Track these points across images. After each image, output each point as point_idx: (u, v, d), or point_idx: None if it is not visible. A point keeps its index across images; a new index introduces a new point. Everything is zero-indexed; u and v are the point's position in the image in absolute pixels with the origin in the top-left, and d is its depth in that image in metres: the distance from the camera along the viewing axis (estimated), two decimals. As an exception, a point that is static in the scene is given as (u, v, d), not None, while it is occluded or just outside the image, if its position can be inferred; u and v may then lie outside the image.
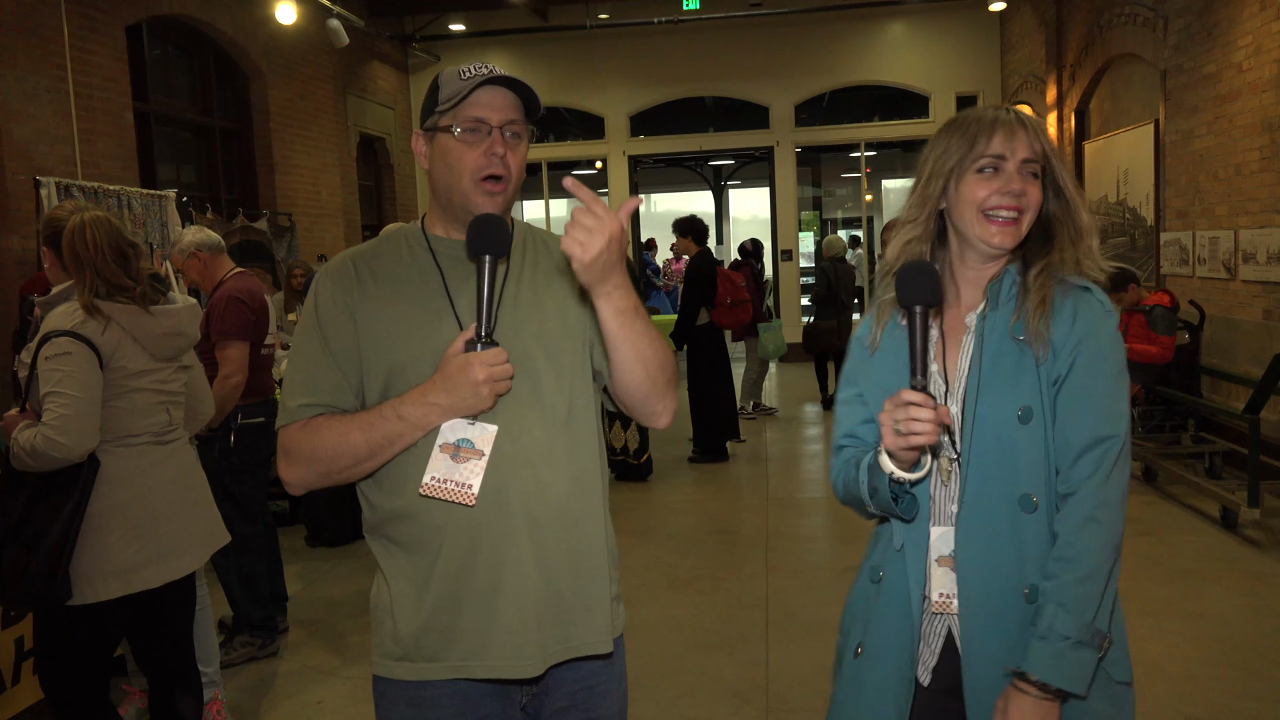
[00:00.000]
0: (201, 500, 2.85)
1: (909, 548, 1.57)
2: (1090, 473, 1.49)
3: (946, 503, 1.57)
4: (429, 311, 1.63)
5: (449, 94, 1.62)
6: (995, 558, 1.52)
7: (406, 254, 1.69)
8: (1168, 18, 7.32)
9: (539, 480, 1.60)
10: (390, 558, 1.64)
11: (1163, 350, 6.21)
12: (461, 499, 1.56)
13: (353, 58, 10.62)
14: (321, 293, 1.66)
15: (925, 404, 1.40)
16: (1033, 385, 1.51)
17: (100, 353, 2.50)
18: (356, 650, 4.14)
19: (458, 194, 1.64)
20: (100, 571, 2.53)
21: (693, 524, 5.80)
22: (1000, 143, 1.54)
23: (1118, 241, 8.62)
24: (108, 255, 2.56)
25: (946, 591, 1.56)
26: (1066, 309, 1.53)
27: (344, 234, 10.22)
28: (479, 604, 1.59)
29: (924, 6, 12.03)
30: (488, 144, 1.62)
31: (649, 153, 13.75)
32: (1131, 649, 1.64)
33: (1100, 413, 1.50)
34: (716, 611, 4.43)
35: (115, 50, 6.87)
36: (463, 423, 1.56)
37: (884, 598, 1.62)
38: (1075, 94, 9.52)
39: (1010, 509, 1.51)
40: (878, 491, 1.54)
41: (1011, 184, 1.54)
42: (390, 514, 1.62)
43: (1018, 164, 1.55)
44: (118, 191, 6.43)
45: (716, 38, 12.50)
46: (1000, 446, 1.51)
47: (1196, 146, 6.99)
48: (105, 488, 2.56)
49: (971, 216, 1.56)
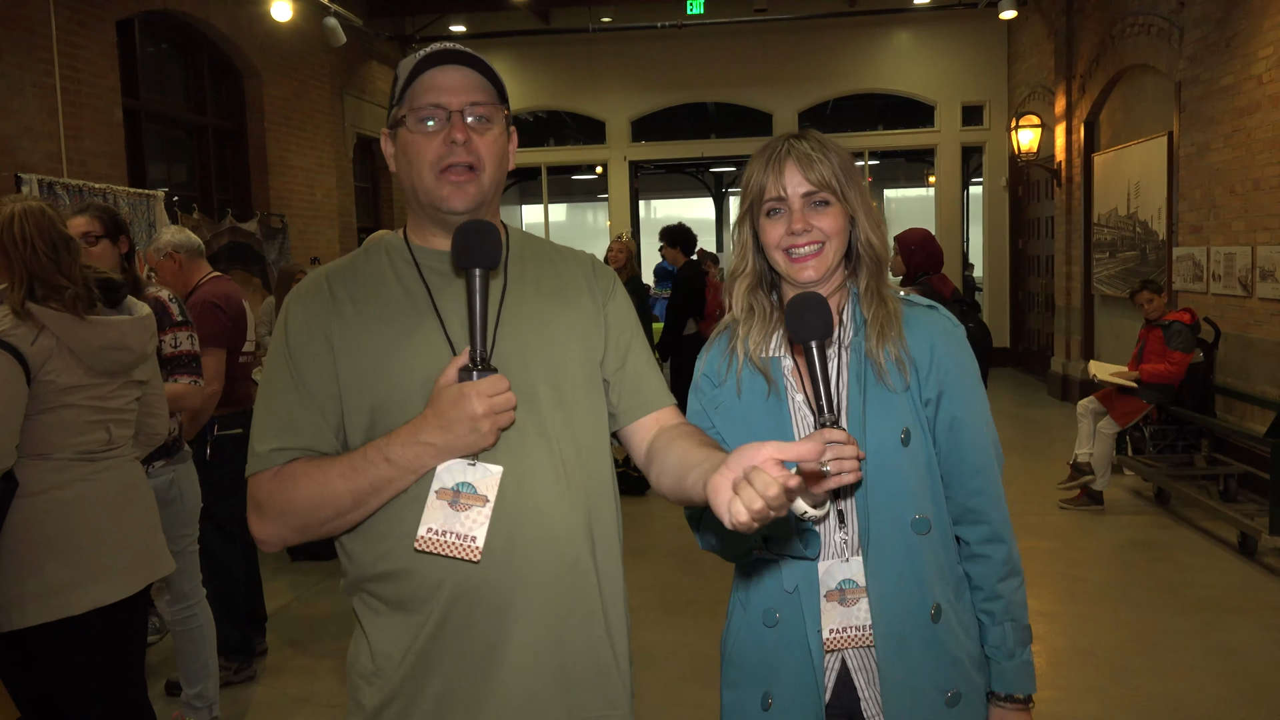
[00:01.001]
0: (140, 523, 2.58)
1: (803, 587, 1.53)
2: (988, 494, 1.56)
3: (829, 535, 1.54)
4: (417, 335, 1.42)
5: (404, 80, 1.43)
6: (899, 583, 1.52)
7: (388, 268, 1.47)
8: (1184, 28, 7.15)
9: (549, 529, 1.40)
10: (374, 616, 1.43)
11: (1174, 368, 6.03)
12: (464, 554, 1.34)
13: (351, 57, 10.45)
14: (293, 319, 1.44)
15: (849, 442, 1.35)
16: (906, 406, 1.52)
17: (28, 364, 2.27)
18: (339, 676, 3.94)
19: (423, 191, 1.44)
20: (19, 595, 2.31)
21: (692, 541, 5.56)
22: (773, 184, 1.54)
23: (1128, 256, 8.45)
24: (39, 249, 2.32)
25: (837, 626, 1.53)
26: (919, 330, 1.55)
27: (339, 237, 10.04)
28: (476, 671, 1.38)
29: (930, 15, 11.87)
30: (446, 131, 1.41)
31: (651, 158, 13.59)
32: (1152, 685, 1.66)
33: (982, 438, 1.57)
34: (717, 638, 4.21)
35: (105, 45, 6.69)
36: (461, 464, 1.35)
37: (783, 641, 1.56)
38: (1085, 105, 9.35)
39: (904, 533, 1.52)
40: (781, 534, 1.48)
41: (794, 223, 1.53)
42: (377, 570, 1.40)
43: (799, 200, 1.53)
44: (104, 190, 6.24)
45: (720, 43, 12.35)
46: (886, 471, 1.51)
47: (1213, 160, 6.82)
48: (21, 502, 2.33)
49: (778, 257, 1.56)
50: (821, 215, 1.53)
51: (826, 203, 1.54)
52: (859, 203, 1.56)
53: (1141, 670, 3.79)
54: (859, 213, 1.56)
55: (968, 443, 1.55)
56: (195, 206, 7.50)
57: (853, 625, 1.53)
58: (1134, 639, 4.11)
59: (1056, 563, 5.13)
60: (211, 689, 3.37)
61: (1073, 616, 4.37)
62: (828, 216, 1.53)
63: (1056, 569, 5.03)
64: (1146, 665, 3.83)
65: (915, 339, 1.54)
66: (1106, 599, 4.59)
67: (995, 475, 1.58)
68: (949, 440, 1.55)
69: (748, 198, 1.59)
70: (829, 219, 1.53)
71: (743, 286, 1.63)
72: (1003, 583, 1.57)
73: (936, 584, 1.54)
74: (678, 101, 12.87)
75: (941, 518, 1.55)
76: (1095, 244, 9.24)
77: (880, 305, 1.56)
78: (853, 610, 1.53)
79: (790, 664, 1.56)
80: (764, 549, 1.52)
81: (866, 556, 1.51)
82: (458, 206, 1.42)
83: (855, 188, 1.55)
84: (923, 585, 1.53)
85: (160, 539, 2.69)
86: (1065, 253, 9.90)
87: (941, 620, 1.54)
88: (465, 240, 1.32)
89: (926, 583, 1.53)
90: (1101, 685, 3.66)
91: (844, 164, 1.55)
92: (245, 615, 3.99)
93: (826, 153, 1.54)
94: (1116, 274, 8.70)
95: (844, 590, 1.53)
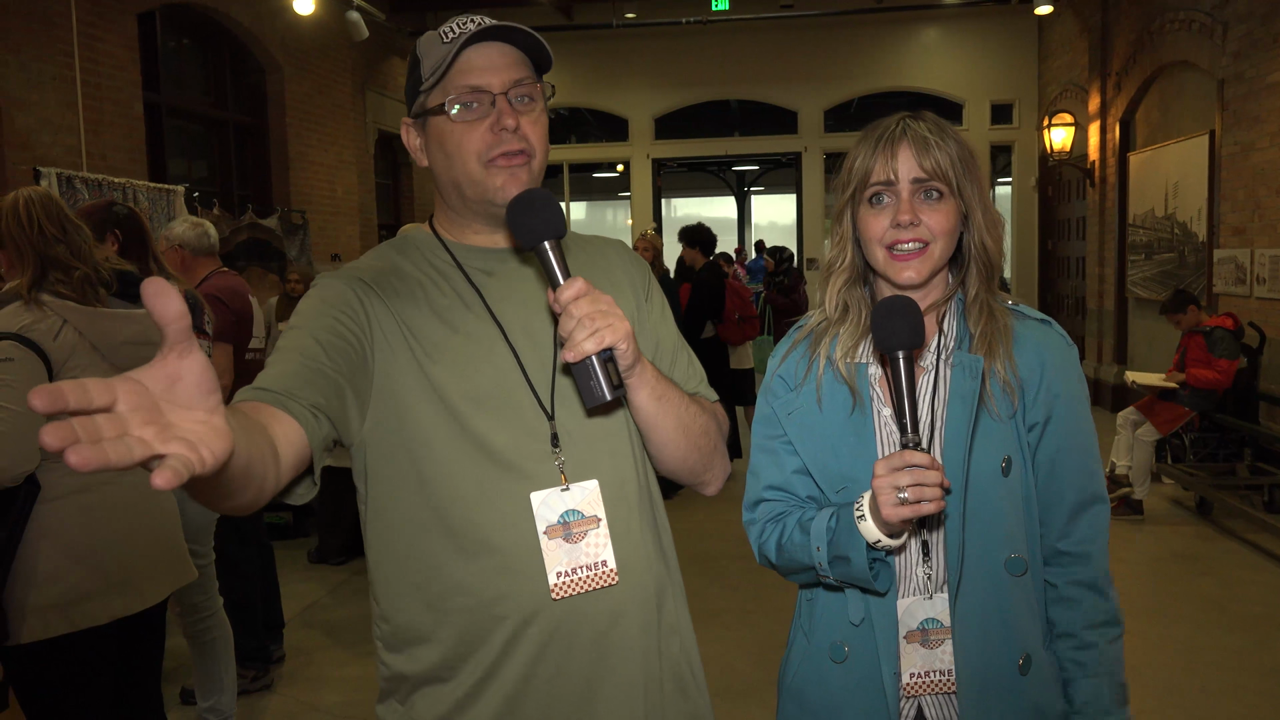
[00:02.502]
0: (163, 528, 2.47)
1: (878, 624, 1.37)
2: (1093, 535, 1.40)
3: (910, 569, 1.39)
4: (482, 344, 1.29)
5: (433, 64, 1.28)
6: (988, 628, 1.37)
7: (430, 268, 1.33)
8: (1227, 24, 6.94)
9: (641, 541, 1.32)
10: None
11: (1221, 375, 5.83)
12: (604, 582, 1.25)
13: (373, 53, 10.36)
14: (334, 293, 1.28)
15: (933, 467, 1.20)
16: (1009, 433, 1.36)
17: (50, 361, 2.16)
18: (356, 684, 3.83)
19: (470, 185, 1.30)
20: (39, 605, 2.19)
21: (718, 548, 5.43)
22: (882, 167, 1.36)
23: (1165, 258, 8.24)
24: (47, 231, 2.22)
25: (918, 670, 1.38)
26: (1029, 346, 1.39)
27: (360, 233, 9.95)
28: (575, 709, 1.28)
29: (959, 11, 11.67)
30: (493, 117, 1.27)
31: (673, 156, 13.45)
32: (1205, 708, 1.50)
33: (1091, 468, 1.41)
34: (745, 650, 4.09)
35: (126, 39, 6.61)
36: (554, 493, 1.24)
37: (852, 681, 1.41)
38: (1121, 103, 9.14)
39: (997, 572, 1.36)
40: (849, 560, 1.30)
41: (901, 213, 1.34)
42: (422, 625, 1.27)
43: (909, 187, 1.35)
44: (124, 184, 6.17)
45: (744, 40, 12.18)
46: (982, 503, 1.35)
47: (1257, 160, 6.61)
48: (43, 507, 2.21)
49: (878, 253, 1.38)
50: (933, 209, 1.36)
51: (940, 194, 1.36)
52: (976, 199, 1.38)
53: (1194, 691, 3.62)
54: (975, 211, 1.38)
55: (1071, 475, 1.39)
56: (215, 202, 7.42)
57: (936, 670, 1.38)
58: (1184, 657, 3.94)
59: (1097, 575, 4.96)
60: (226, 703, 3.25)
61: (1117, 632, 4.20)
62: (939, 212, 1.36)
63: (1097, 581, 4.85)
64: (1199, 686, 3.66)
65: (1024, 357, 1.38)
66: (1152, 614, 4.42)
67: (1101, 516, 1.42)
68: (1049, 471, 1.39)
69: (851, 183, 1.40)
70: (940, 215, 1.36)
71: (838, 282, 1.45)
72: (1098, 630, 1.40)
73: (1028, 631, 1.38)
74: (702, 99, 12.71)
75: (1036, 559, 1.40)
76: (1130, 245, 9.03)
77: (990, 319, 1.38)
78: (936, 653, 1.37)
79: (858, 706, 1.41)
80: (828, 574, 1.35)
81: (954, 596, 1.36)
82: (515, 194, 1.25)
83: (973, 182, 1.37)
84: (1012, 632, 1.37)
85: (183, 545, 2.58)
86: (1098, 254, 9.69)
87: (1031, 672, 1.38)
88: (525, 211, 1.18)
89: (1017, 630, 1.37)
90: (1154, 707, 3.49)
91: (963, 154, 1.37)
92: (262, 622, 3.88)
93: (945, 138, 1.36)
94: (1153, 276, 8.49)
95: (926, 631, 1.38)
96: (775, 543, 1.43)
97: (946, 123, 1.39)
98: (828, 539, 1.33)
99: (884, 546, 1.28)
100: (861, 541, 1.28)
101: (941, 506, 1.22)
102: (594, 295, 1.16)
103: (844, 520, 1.31)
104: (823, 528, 1.34)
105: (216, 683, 3.23)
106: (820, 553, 1.33)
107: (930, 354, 1.40)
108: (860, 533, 1.28)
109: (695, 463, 1.40)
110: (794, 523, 1.40)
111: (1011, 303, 1.45)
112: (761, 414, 1.49)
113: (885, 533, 1.26)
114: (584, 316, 1.14)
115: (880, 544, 1.28)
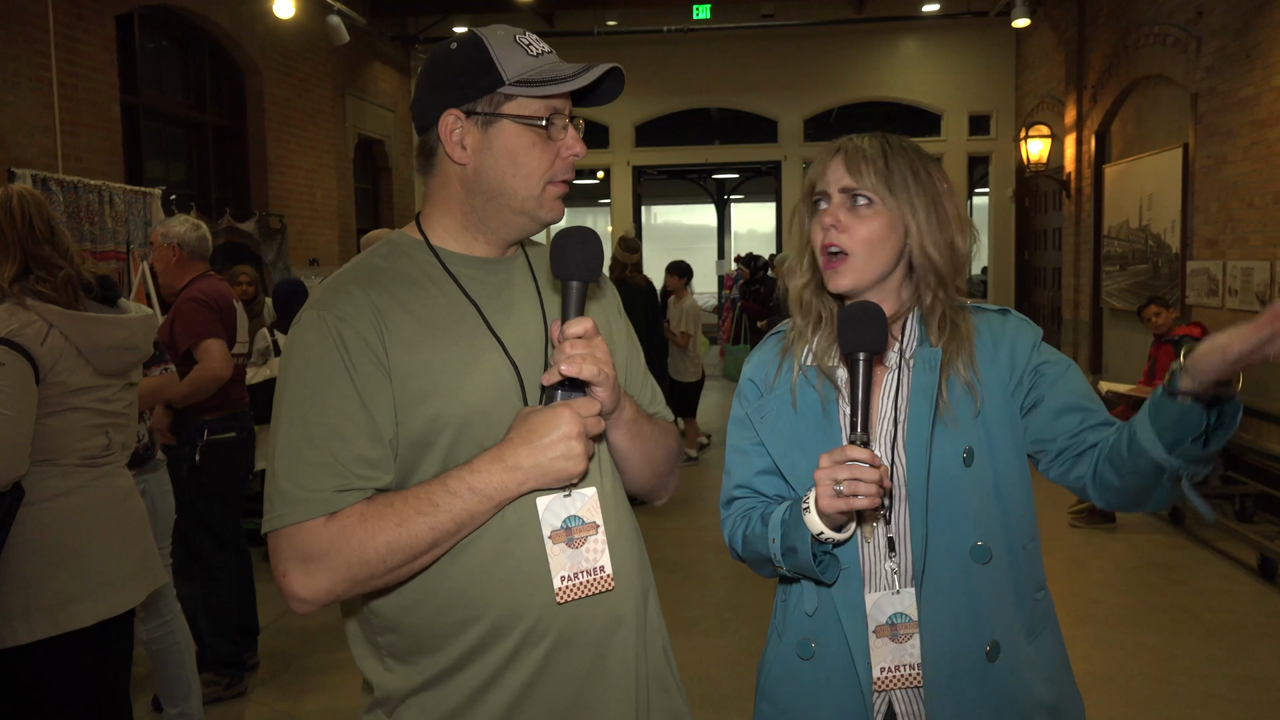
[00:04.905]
0: (138, 530, 2.50)
1: (846, 618, 1.40)
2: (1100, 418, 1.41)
3: (877, 564, 1.41)
4: (478, 356, 1.28)
5: (522, 71, 1.28)
6: (955, 616, 1.39)
7: (421, 277, 1.30)
8: (1201, 38, 7.04)
9: (633, 548, 1.38)
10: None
11: (1193, 385, 5.89)
12: (601, 587, 1.28)
13: (353, 57, 10.32)
14: (348, 335, 1.22)
15: (872, 463, 1.25)
16: (970, 424, 1.39)
17: (38, 365, 2.17)
18: (332, 691, 3.80)
19: (520, 199, 1.30)
20: (24, 608, 2.19)
21: (696, 555, 5.43)
22: (820, 176, 1.45)
23: (1140, 269, 8.33)
24: (37, 229, 2.24)
25: (887, 665, 1.40)
26: (994, 337, 1.44)
27: (338, 238, 9.91)
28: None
29: (938, 23, 11.78)
30: (567, 141, 1.32)
31: (654, 164, 13.48)
32: (1178, 716, 1.52)
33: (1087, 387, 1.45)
34: (724, 658, 4.09)
35: (103, 40, 6.55)
36: (557, 498, 1.27)
37: (820, 677, 1.44)
38: (1096, 116, 9.24)
39: (962, 562, 1.39)
40: (796, 551, 1.36)
41: (825, 216, 1.42)
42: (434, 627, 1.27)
43: (838, 196, 1.42)
44: (100, 186, 6.10)
45: (726, 48, 12.25)
46: (944, 495, 1.38)
47: (1230, 173, 6.70)
48: (26, 510, 2.22)
49: (819, 259, 1.46)
50: (859, 218, 1.40)
51: (869, 202, 1.40)
52: (917, 209, 1.41)
53: (1167, 699, 3.65)
54: (912, 221, 1.40)
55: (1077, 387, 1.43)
56: (193, 205, 7.36)
57: (905, 664, 1.40)
58: (1157, 666, 3.97)
59: (1071, 583, 5.00)
60: (195, 707, 3.23)
61: (1092, 641, 4.23)
62: (863, 220, 1.39)
63: (1072, 590, 4.89)
64: (1172, 694, 3.69)
65: (997, 349, 1.43)
66: (1125, 623, 4.46)
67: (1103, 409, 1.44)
68: (1059, 407, 1.41)
69: (803, 192, 1.50)
70: (864, 223, 1.39)
71: (798, 285, 1.51)
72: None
73: (996, 619, 1.40)
74: (683, 107, 12.76)
75: (1008, 546, 1.42)
76: (1105, 256, 9.13)
77: (953, 330, 1.42)
78: (905, 647, 1.40)
79: (829, 703, 1.43)
80: (781, 564, 1.41)
81: (920, 587, 1.39)
82: (559, 219, 1.35)
83: (919, 193, 1.41)
84: (979, 619, 1.40)
85: (154, 548, 2.60)
86: (1074, 265, 9.79)
87: (1000, 660, 1.39)
88: (576, 253, 1.24)
89: (984, 617, 1.40)
90: (1127, 715, 3.52)
91: (908, 165, 1.41)
92: (238, 627, 3.85)
93: (889, 153, 1.41)
94: (1127, 287, 8.58)
95: (895, 625, 1.40)
96: (742, 535, 1.49)
97: (904, 141, 1.44)
98: (781, 531, 1.39)
99: (827, 539, 1.32)
100: (808, 533, 1.33)
101: (875, 504, 1.26)
102: (594, 341, 1.24)
103: (794, 513, 1.37)
104: (778, 520, 1.40)
105: (185, 688, 3.21)
106: (775, 544, 1.39)
107: (893, 355, 1.45)
108: (805, 525, 1.33)
109: (654, 486, 1.50)
110: (758, 516, 1.47)
111: (970, 302, 1.49)
112: (735, 416, 1.56)
113: (827, 525, 1.30)
114: (578, 356, 1.21)
115: (824, 536, 1.32)
